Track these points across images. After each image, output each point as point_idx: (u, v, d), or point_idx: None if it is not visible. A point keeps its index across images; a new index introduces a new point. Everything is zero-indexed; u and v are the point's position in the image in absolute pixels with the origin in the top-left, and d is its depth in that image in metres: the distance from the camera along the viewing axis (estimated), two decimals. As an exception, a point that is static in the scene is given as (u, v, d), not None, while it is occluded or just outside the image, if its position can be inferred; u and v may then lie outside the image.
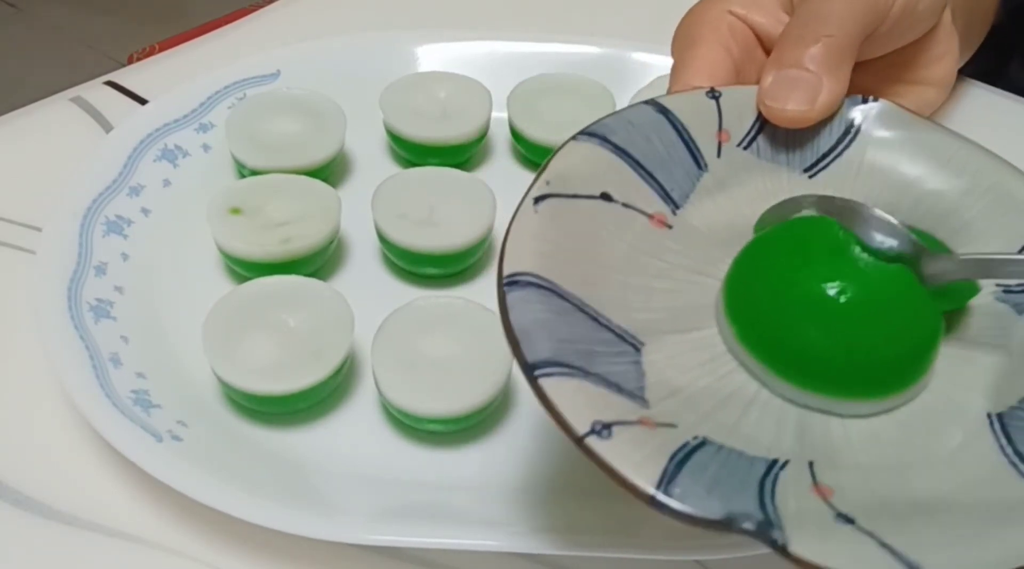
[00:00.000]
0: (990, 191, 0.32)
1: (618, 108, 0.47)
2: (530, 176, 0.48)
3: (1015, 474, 0.26)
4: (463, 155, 0.47)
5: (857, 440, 0.27)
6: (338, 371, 0.36)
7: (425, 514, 0.33)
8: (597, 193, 0.30)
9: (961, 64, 0.51)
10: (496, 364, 0.35)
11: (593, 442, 0.23)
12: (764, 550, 0.30)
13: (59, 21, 1.94)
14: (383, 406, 0.37)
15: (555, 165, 0.30)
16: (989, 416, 0.28)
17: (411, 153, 0.47)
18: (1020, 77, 0.57)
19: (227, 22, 0.58)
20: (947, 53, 0.39)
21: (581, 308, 0.27)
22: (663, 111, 0.33)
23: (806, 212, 0.30)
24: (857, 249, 0.28)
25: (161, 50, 0.60)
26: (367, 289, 0.41)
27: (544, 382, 0.24)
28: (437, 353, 0.36)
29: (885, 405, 0.28)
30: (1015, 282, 0.30)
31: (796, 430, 0.27)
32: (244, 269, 0.40)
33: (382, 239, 0.41)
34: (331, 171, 0.46)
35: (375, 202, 0.41)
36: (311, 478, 0.34)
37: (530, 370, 0.24)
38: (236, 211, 0.41)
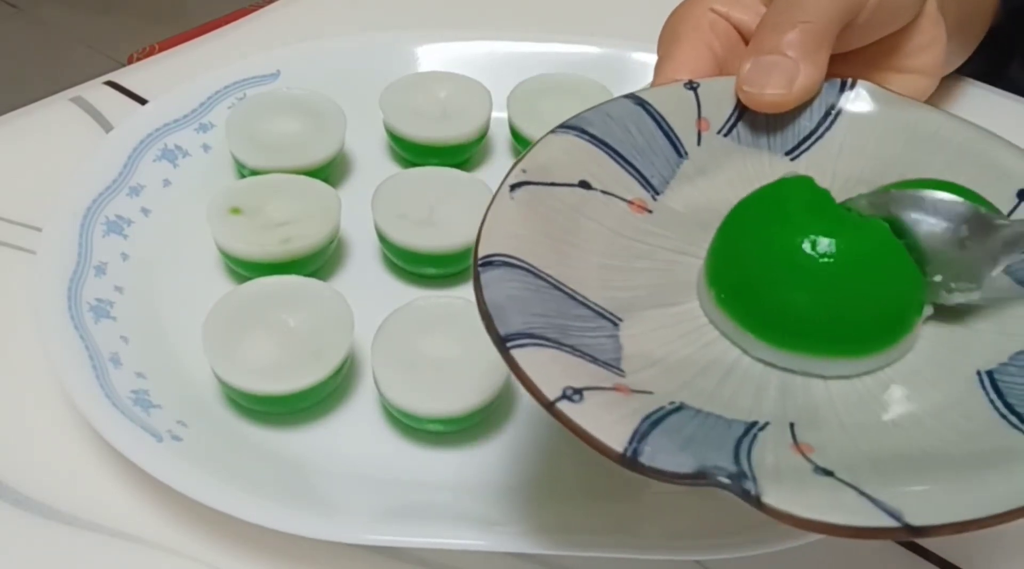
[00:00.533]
0: (976, 161, 0.32)
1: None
2: (530, 176, 0.48)
3: (1005, 425, 0.26)
4: (463, 155, 0.47)
5: (840, 401, 0.27)
6: (338, 371, 0.36)
7: (425, 514, 0.33)
8: (575, 181, 0.31)
9: (960, 63, 0.51)
10: (496, 364, 0.35)
11: (564, 406, 0.23)
12: (764, 550, 0.30)
13: (59, 21, 1.94)
14: (383, 406, 0.37)
15: (533, 156, 0.30)
16: (979, 374, 0.28)
17: (411, 153, 0.47)
18: (1020, 77, 0.57)
19: (227, 22, 0.58)
20: (934, 41, 0.40)
21: (557, 286, 0.28)
22: (641, 103, 0.33)
23: (863, 206, 0.29)
24: (835, 205, 0.28)
25: (161, 50, 0.60)
26: (367, 289, 0.41)
27: (516, 352, 0.24)
28: (437, 353, 0.36)
29: (868, 365, 0.28)
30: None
31: (777, 394, 0.27)
32: (244, 269, 0.40)
33: (382, 239, 0.41)
34: (331, 171, 0.46)
35: (375, 202, 0.41)
36: (311, 478, 0.34)
37: (502, 343, 0.25)
38: (236, 211, 0.41)
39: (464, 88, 0.48)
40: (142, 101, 0.50)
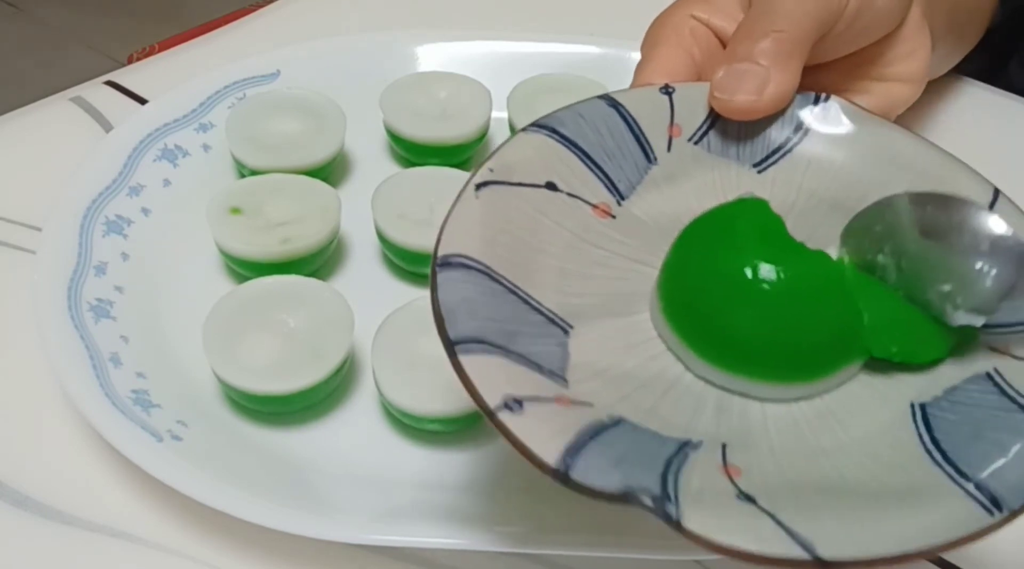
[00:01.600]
0: (937, 186, 0.32)
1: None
2: (530, 176, 0.48)
3: (928, 461, 0.26)
4: (463, 155, 0.47)
5: (774, 425, 0.28)
6: (338, 371, 0.36)
7: (425, 514, 0.33)
8: (542, 182, 0.31)
9: (954, 64, 0.51)
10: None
11: (504, 416, 0.24)
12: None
13: (59, 21, 1.94)
14: (383, 406, 0.37)
15: (501, 155, 0.30)
16: (912, 406, 0.28)
17: (411, 153, 0.47)
18: (1019, 77, 0.57)
19: (227, 22, 0.58)
20: (917, 49, 0.40)
21: (512, 290, 0.28)
22: (615, 105, 0.33)
23: (899, 206, 0.29)
24: (784, 233, 0.28)
25: (161, 50, 0.60)
26: (367, 289, 0.41)
27: (463, 358, 0.25)
28: (437, 353, 0.35)
29: (803, 391, 0.28)
30: None
31: (714, 412, 0.28)
32: (244, 269, 0.40)
33: (382, 239, 0.41)
34: (331, 171, 0.46)
35: (375, 202, 0.41)
36: (311, 478, 0.34)
37: (451, 346, 0.25)
38: (236, 211, 0.41)
39: (464, 88, 0.48)
40: (142, 101, 0.50)
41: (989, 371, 0.28)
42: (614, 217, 0.32)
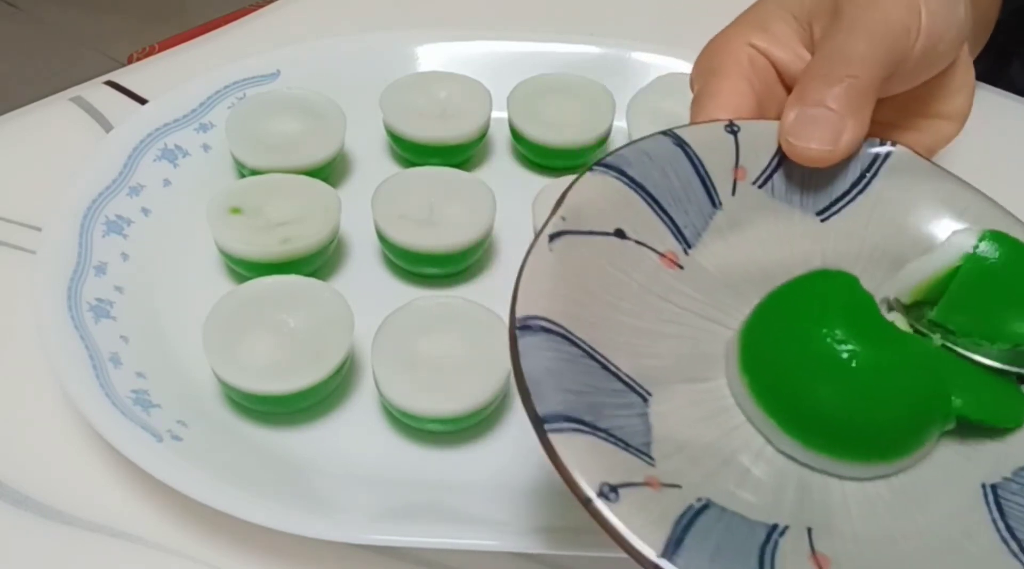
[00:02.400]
0: None
1: (618, 108, 0.47)
2: (530, 176, 0.48)
3: (1006, 552, 0.26)
4: (463, 155, 0.47)
5: (854, 506, 0.27)
6: (338, 371, 0.36)
7: (425, 514, 0.33)
8: (611, 230, 0.30)
9: None
10: (496, 364, 0.35)
11: (600, 505, 0.23)
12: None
13: (59, 21, 1.94)
14: (383, 406, 0.37)
15: (571, 199, 0.29)
16: (984, 487, 0.28)
17: (411, 153, 0.47)
18: (1021, 78, 0.57)
19: (227, 22, 0.58)
20: (964, 86, 0.39)
21: (591, 354, 0.27)
22: (681, 144, 0.32)
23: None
24: (875, 312, 0.28)
25: (161, 50, 0.60)
26: (367, 289, 0.41)
27: (554, 438, 0.24)
28: (437, 353, 0.36)
29: (884, 470, 0.28)
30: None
31: (796, 492, 0.27)
32: (244, 269, 0.40)
33: (382, 239, 0.41)
34: (331, 171, 0.46)
35: (375, 202, 0.41)
36: (311, 478, 0.34)
37: (540, 423, 0.24)
38: (236, 211, 0.41)
39: (464, 88, 0.48)
40: (142, 101, 0.50)
41: None
42: (681, 267, 0.31)
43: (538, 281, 0.27)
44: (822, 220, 0.33)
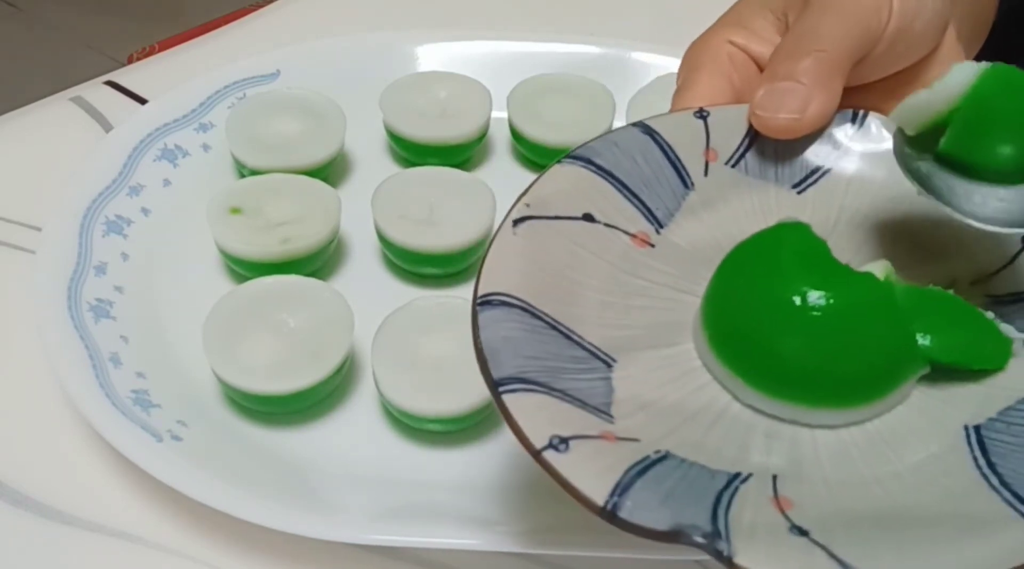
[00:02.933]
0: None
1: (618, 108, 0.47)
2: (530, 176, 0.48)
3: (985, 487, 0.25)
4: (463, 155, 0.47)
5: (825, 452, 0.27)
6: (338, 371, 0.36)
7: (425, 514, 0.33)
8: (579, 214, 0.31)
9: None
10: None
11: (550, 455, 0.24)
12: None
13: (59, 21, 1.94)
14: (383, 406, 0.37)
15: (537, 189, 0.30)
16: (966, 428, 0.27)
17: (411, 153, 0.47)
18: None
19: (227, 22, 0.58)
20: None
21: (554, 326, 0.28)
22: (649, 132, 0.33)
23: None
24: (829, 257, 0.28)
25: (161, 50, 0.60)
26: (367, 289, 0.41)
27: (507, 398, 0.25)
28: (437, 353, 0.36)
29: (855, 416, 0.28)
30: (1005, 292, 0.30)
31: (764, 442, 0.27)
32: (244, 269, 0.40)
33: (382, 239, 0.41)
34: (331, 171, 0.46)
35: (375, 202, 0.41)
36: (311, 478, 0.34)
37: (495, 386, 0.25)
38: (236, 211, 0.41)
39: (464, 88, 0.48)
40: (142, 101, 0.50)
41: None
42: (653, 246, 0.32)
43: (501, 262, 0.28)
44: (799, 192, 0.33)
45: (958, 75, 0.29)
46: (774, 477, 0.26)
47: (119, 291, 0.39)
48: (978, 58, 0.51)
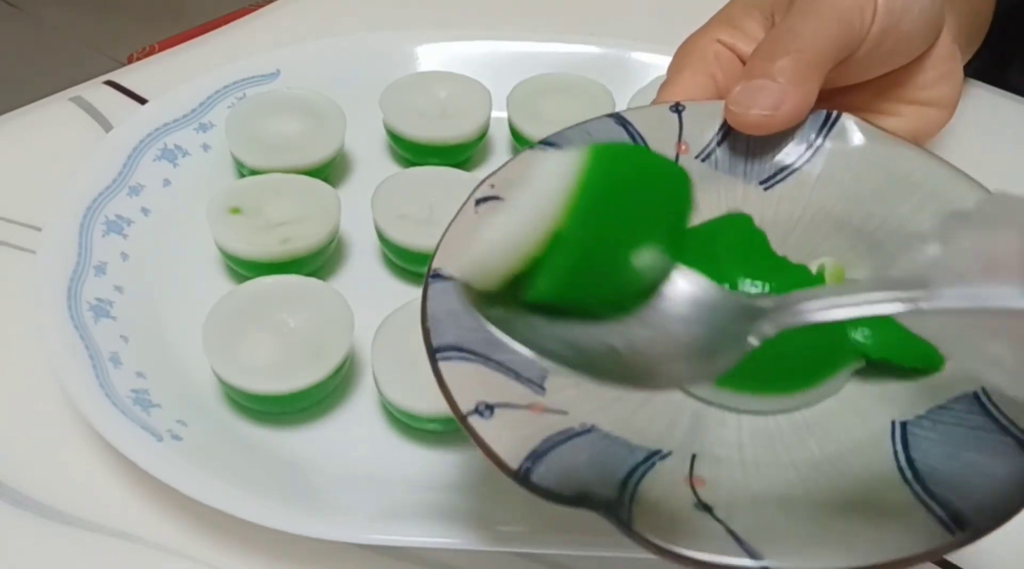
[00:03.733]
0: (945, 207, 0.32)
1: (618, 108, 0.47)
2: (530, 176, 0.48)
3: (899, 479, 0.26)
4: (463, 155, 0.47)
5: (748, 437, 0.28)
6: (338, 371, 0.36)
7: (425, 514, 0.33)
8: None
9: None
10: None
11: (474, 420, 0.25)
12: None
13: (59, 21, 1.94)
14: (383, 406, 0.37)
15: (504, 172, 0.31)
16: (893, 424, 0.28)
17: (411, 153, 0.47)
18: (1020, 82, 0.57)
19: (227, 22, 0.58)
20: (948, 74, 0.40)
21: None
22: (623, 122, 0.33)
23: None
24: (766, 247, 0.29)
25: (161, 50, 0.60)
26: (367, 289, 0.41)
27: (442, 364, 0.26)
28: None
29: (783, 404, 0.28)
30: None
31: (691, 424, 0.28)
32: (244, 269, 0.40)
33: (382, 239, 0.41)
34: (331, 171, 0.46)
35: (375, 202, 0.41)
36: (311, 478, 0.34)
37: (433, 353, 0.26)
38: (236, 211, 0.41)
39: (464, 88, 0.48)
40: (142, 101, 0.50)
41: (976, 391, 0.28)
42: None
43: (458, 238, 0.29)
44: (765, 189, 0.34)
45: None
46: (693, 456, 0.27)
47: (119, 291, 0.39)
48: (977, 59, 0.52)
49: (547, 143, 0.32)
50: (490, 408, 0.25)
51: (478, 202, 0.30)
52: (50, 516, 0.34)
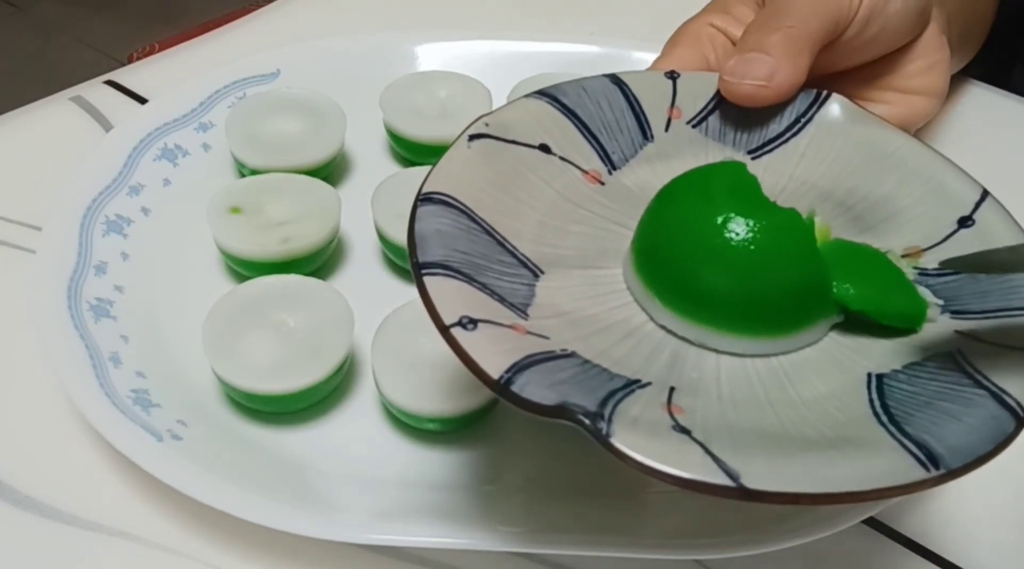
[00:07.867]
0: (926, 183, 0.33)
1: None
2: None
3: (873, 421, 0.26)
4: (463, 155, 0.47)
5: (726, 376, 0.28)
6: (338, 371, 0.36)
7: (425, 514, 0.33)
8: (536, 144, 0.32)
9: (959, 68, 0.51)
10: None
11: (457, 332, 0.25)
12: (764, 549, 0.30)
13: (59, 21, 1.94)
14: (383, 406, 0.37)
15: (500, 113, 0.32)
16: (869, 375, 0.28)
17: (411, 153, 0.47)
18: (1022, 84, 0.57)
19: (227, 22, 0.58)
20: (936, 64, 0.41)
21: (489, 231, 0.29)
22: (619, 83, 0.34)
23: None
24: (757, 190, 0.29)
25: (161, 50, 0.60)
26: (367, 289, 0.41)
27: (427, 279, 0.26)
28: (437, 353, 0.36)
29: (761, 347, 0.29)
30: (934, 267, 0.31)
31: (670, 360, 0.28)
32: (244, 269, 0.40)
33: (382, 239, 0.41)
34: (331, 171, 0.46)
35: (375, 202, 0.41)
36: (311, 478, 0.34)
37: (418, 268, 0.26)
38: (236, 211, 0.41)
39: (464, 88, 0.48)
40: (142, 101, 0.50)
41: (953, 351, 0.28)
42: (603, 184, 0.33)
43: (450, 168, 0.29)
44: (753, 158, 0.35)
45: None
46: (671, 388, 0.27)
47: (119, 291, 0.39)
48: (980, 66, 0.52)
49: (542, 93, 0.33)
50: (473, 323, 0.25)
51: (471, 138, 0.31)
52: (50, 516, 0.34)
